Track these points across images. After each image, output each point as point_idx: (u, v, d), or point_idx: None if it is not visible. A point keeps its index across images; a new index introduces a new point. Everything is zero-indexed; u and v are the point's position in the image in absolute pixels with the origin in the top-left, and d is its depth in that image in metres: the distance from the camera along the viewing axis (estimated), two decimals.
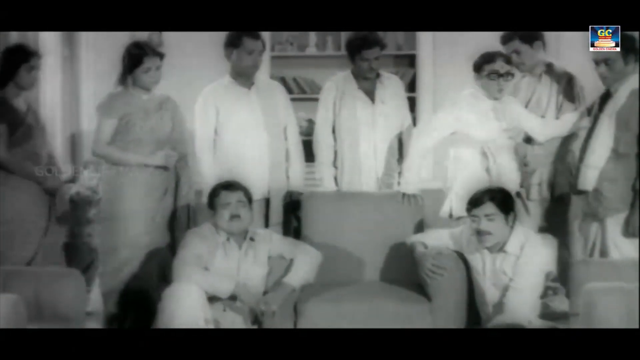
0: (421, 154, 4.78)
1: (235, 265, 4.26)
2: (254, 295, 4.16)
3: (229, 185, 4.34)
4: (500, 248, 4.19)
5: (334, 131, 5.10)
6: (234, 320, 4.15)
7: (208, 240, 4.26)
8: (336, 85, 5.11)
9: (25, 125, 4.56)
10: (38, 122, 4.65)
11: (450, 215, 4.71)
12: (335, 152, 5.10)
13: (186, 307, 3.93)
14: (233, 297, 4.14)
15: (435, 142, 4.76)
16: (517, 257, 4.15)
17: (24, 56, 4.55)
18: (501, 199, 4.18)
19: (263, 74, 5.41)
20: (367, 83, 5.07)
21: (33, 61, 4.56)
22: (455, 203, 4.69)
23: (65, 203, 4.86)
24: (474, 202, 4.18)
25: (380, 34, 5.11)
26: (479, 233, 4.16)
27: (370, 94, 5.07)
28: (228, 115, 4.86)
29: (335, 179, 5.11)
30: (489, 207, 4.14)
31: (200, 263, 4.18)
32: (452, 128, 4.70)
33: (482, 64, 4.63)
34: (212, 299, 4.09)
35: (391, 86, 5.12)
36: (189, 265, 4.13)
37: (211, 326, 4.02)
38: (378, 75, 5.09)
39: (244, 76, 4.90)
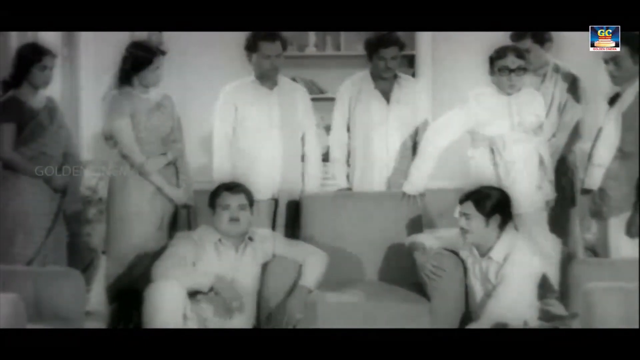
0: (433, 154, 4.75)
1: (230, 266, 4.24)
2: (234, 289, 4.15)
3: (232, 187, 4.32)
4: (485, 253, 4.18)
5: (349, 129, 5.12)
6: (205, 312, 4.16)
7: (195, 240, 4.25)
8: (353, 84, 5.14)
9: (34, 124, 4.57)
10: (52, 122, 4.65)
11: None
12: (349, 150, 5.12)
13: (164, 304, 3.93)
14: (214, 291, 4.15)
15: (447, 143, 4.72)
16: (500, 265, 4.11)
17: (36, 55, 4.55)
18: (481, 200, 4.12)
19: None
20: (385, 83, 5.08)
21: (45, 60, 4.57)
22: None
23: (77, 202, 4.87)
24: (461, 198, 4.18)
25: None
26: (461, 230, 4.17)
27: (387, 94, 5.09)
28: (246, 115, 4.87)
29: (348, 176, 5.13)
30: (467, 207, 4.12)
31: (183, 263, 4.17)
32: (465, 128, 4.69)
33: (494, 60, 4.60)
34: (193, 294, 4.10)
35: (409, 88, 5.13)
36: (167, 262, 4.14)
37: (192, 322, 4.03)
38: (396, 77, 5.10)
39: (266, 77, 4.90)
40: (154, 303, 3.95)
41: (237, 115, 4.88)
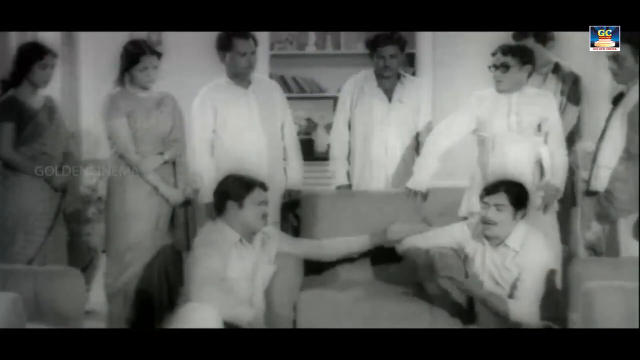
0: (435, 155, 4.76)
1: (251, 265, 4.19)
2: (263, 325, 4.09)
3: (263, 184, 4.27)
4: (501, 241, 4.19)
5: (350, 127, 5.15)
6: None
7: (219, 245, 4.12)
8: (356, 82, 5.16)
9: (34, 123, 4.57)
10: (52, 121, 4.65)
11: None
12: (350, 148, 5.16)
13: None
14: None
15: (450, 144, 4.74)
16: (517, 252, 4.13)
17: (38, 54, 4.55)
18: (515, 193, 4.16)
19: (260, 73, 5.41)
20: (388, 82, 5.09)
21: (47, 59, 4.57)
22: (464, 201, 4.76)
23: (77, 201, 4.87)
24: (489, 189, 4.18)
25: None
26: (485, 221, 4.17)
27: (389, 93, 5.10)
28: (226, 116, 4.86)
29: (348, 173, 5.16)
30: (501, 198, 4.13)
31: (217, 277, 4.03)
32: (467, 129, 4.71)
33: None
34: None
35: (411, 87, 5.14)
36: (209, 284, 3.97)
37: None
38: (400, 76, 5.11)
39: (240, 76, 4.90)
40: (191, 325, 3.76)
41: (217, 117, 4.86)
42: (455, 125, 4.73)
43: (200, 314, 3.84)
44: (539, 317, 4.06)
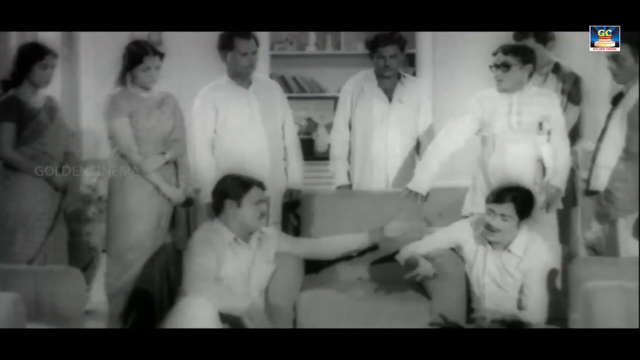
0: (438, 158, 4.77)
1: (246, 265, 4.21)
2: (263, 317, 4.06)
3: (261, 184, 4.27)
4: (504, 247, 4.19)
5: (350, 127, 5.15)
6: None
7: (214, 244, 4.15)
8: (356, 82, 5.17)
9: (34, 123, 4.57)
10: (52, 121, 4.65)
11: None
12: (350, 148, 5.17)
13: (199, 323, 3.79)
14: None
15: (454, 148, 4.75)
16: (521, 259, 4.15)
17: (38, 54, 4.56)
18: (522, 202, 4.16)
19: (261, 73, 5.42)
20: (388, 82, 5.10)
21: (47, 59, 4.57)
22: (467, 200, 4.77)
23: (77, 201, 4.87)
24: (496, 197, 4.17)
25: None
26: (489, 228, 4.17)
27: (389, 93, 5.10)
28: (227, 115, 4.87)
29: (348, 173, 5.16)
30: (508, 208, 4.13)
31: (211, 275, 4.07)
32: (471, 132, 4.72)
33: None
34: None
35: (412, 87, 5.14)
36: (203, 280, 4.02)
37: None
38: (400, 76, 5.12)
39: (241, 76, 4.90)
40: (188, 320, 3.81)
41: (218, 117, 4.86)
42: (458, 128, 4.73)
43: (195, 308, 3.87)
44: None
